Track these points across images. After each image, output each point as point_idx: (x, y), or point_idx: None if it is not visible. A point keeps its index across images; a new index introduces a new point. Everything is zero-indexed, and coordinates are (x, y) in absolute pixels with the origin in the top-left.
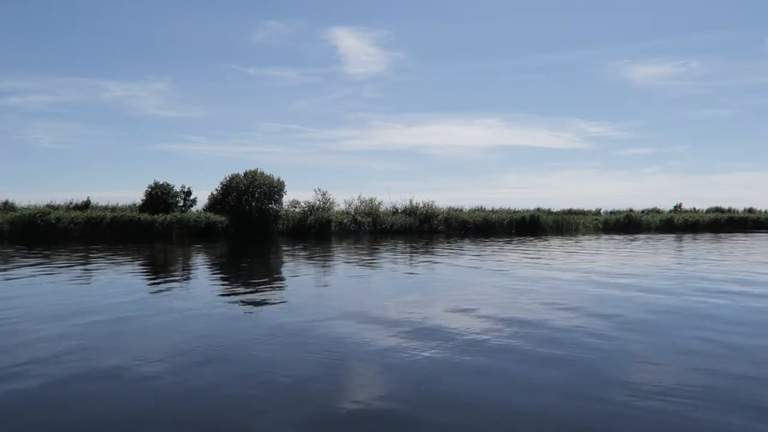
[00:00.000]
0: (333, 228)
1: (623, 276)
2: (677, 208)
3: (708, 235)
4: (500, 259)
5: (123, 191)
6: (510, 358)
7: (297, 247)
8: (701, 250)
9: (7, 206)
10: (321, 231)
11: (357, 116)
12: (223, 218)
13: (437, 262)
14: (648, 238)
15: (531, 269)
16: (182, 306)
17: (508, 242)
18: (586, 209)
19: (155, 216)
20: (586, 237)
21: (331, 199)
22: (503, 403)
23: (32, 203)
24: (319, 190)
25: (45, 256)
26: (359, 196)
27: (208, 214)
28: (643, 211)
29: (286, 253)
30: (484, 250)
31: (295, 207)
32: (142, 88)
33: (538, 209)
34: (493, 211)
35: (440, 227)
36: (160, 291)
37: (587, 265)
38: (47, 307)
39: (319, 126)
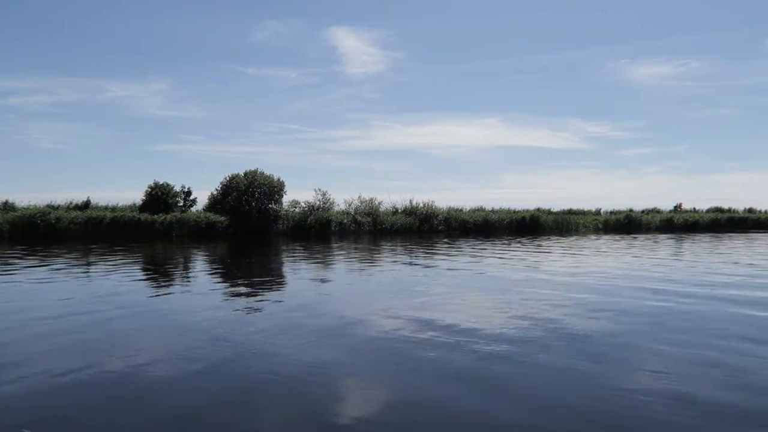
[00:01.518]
0: (333, 228)
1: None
2: (677, 208)
3: (707, 236)
4: (479, 261)
5: (123, 191)
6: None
7: (297, 247)
8: (685, 252)
9: (7, 206)
10: (321, 231)
11: (357, 116)
12: (223, 218)
13: (429, 266)
14: (644, 238)
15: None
16: (183, 306)
17: (506, 243)
18: (586, 209)
19: (155, 216)
20: (586, 237)
21: (331, 199)
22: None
23: (32, 203)
24: (319, 190)
25: (44, 256)
26: (359, 196)
27: (208, 214)
28: (643, 211)
29: (286, 253)
30: (475, 252)
31: (295, 207)
32: (142, 88)
33: (538, 209)
34: (493, 211)
35: (440, 227)
36: (160, 291)
37: (571, 267)
38: (46, 306)
39: (319, 126)
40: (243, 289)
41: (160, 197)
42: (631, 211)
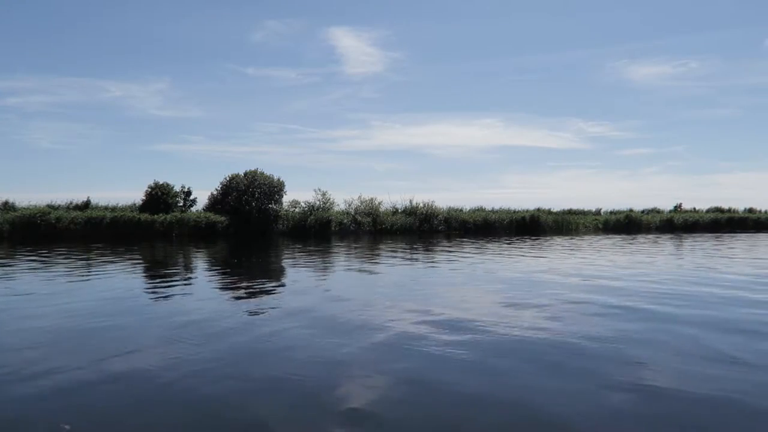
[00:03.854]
0: (333, 228)
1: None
2: (677, 208)
3: (706, 236)
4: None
5: (123, 191)
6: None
7: (297, 248)
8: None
9: (7, 206)
10: (321, 231)
11: (356, 116)
12: (223, 218)
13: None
14: (644, 238)
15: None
16: (183, 306)
17: (506, 243)
18: (586, 209)
19: (155, 216)
20: (587, 238)
21: (331, 199)
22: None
23: (32, 203)
24: (319, 190)
25: (44, 256)
26: (359, 196)
27: (208, 214)
28: (643, 211)
29: (286, 253)
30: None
31: (295, 207)
32: (142, 88)
33: (538, 209)
34: (493, 211)
35: (440, 227)
36: (160, 291)
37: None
38: (47, 306)
39: (319, 126)
40: (243, 290)
41: (160, 197)
42: (631, 211)
